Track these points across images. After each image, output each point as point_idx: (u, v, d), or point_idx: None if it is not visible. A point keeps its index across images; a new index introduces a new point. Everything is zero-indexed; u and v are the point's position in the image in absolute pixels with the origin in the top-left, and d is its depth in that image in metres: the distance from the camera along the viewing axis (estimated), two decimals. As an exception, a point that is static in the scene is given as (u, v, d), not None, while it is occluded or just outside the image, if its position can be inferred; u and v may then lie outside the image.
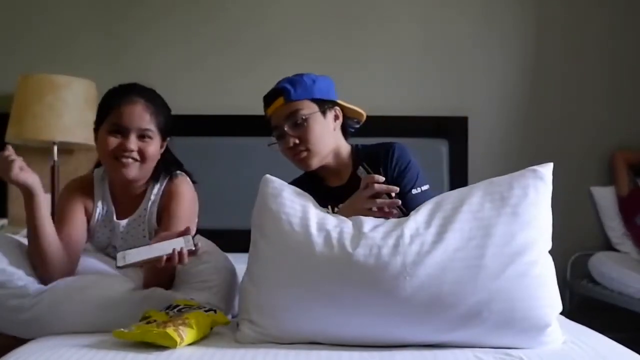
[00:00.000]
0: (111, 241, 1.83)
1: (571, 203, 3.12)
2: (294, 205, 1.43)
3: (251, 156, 2.97)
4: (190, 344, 1.34)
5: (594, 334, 1.50)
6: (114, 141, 1.69)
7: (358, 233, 1.38)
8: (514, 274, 1.32)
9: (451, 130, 3.07)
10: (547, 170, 1.44)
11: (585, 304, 3.01)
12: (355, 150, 1.79)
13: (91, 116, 1.88)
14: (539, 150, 3.16)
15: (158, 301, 1.54)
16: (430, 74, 3.18)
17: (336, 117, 1.76)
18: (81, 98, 2.83)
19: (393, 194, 1.50)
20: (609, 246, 3.12)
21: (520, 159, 3.11)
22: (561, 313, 1.47)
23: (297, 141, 1.67)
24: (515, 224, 1.36)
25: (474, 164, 3.06)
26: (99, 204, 1.81)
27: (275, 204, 1.43)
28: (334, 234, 1.37)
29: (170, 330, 1.30)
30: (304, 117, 1.67)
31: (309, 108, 1.69)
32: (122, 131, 1.69)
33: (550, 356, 1.29)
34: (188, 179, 1.87)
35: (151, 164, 1.76)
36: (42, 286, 1.59)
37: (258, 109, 3.22)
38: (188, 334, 1.32)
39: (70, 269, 1.68)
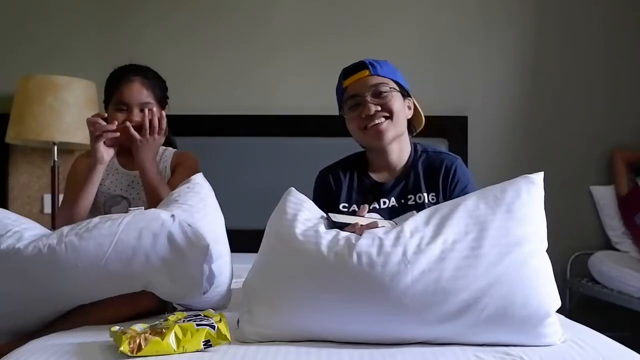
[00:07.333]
0: (123, 192, 2.03)
1: (571, 202, 3.13)
2: (312, 213, 1.48)
3: (252, 156, 2.98)
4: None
5: (593, 333, 1.50)
6: (120, 117, 1.99)
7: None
8: (512, 262, 1.34)
9: (451, 130, 3.07)
10: (538, 177, 1.48)
11: (585, 303, 3.02)
12: (414, 150, 1.82)
13: (91, 117, 1.96)
14: (538, 150, 3.17)
15: None
16: (430, 73, 3.18)
17: (409, 108, 1.79)
18: (81, 99, 2.83)
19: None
20: (608, 245, 3.13)
21: (520, 159, 3.12)
22: (561, 312, 1.48)
23: (378, 108, 1.71)
24: (511, 220, 1.39)
25: (474, 163, 3.06)
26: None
27: (293, 209, 1.47)
28: (342, 233, 1.42)
29: (125, 343, 1.26)
30: (389, 89, 1.71)
31: (392, 85, 1.73)
32: (126, 108, 2.00)
33: (550, 355, 1.28)
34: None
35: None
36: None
37: (258, 109, 3.23)
38: (151, 344, 1.27)
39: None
